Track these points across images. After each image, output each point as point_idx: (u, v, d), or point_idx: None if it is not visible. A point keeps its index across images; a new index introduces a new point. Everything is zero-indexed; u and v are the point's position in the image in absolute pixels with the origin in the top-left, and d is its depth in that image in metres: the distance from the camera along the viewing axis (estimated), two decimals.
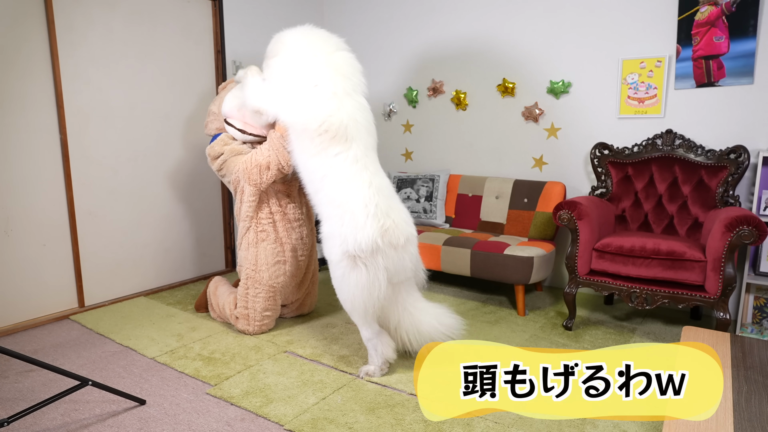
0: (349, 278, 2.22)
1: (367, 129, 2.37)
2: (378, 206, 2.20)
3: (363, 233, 2.15)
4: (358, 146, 2.27)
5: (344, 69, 2.39)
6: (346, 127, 2.25)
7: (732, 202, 2.99)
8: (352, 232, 2.16)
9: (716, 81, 3.11)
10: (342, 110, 2.26)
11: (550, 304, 3.42)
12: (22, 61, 2.85)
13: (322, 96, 2.28)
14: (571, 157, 3.67)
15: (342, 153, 2.24)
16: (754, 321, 3.02)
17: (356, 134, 2.28)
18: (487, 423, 2.00)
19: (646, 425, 1.99)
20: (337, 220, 2.22)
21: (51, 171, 3.04)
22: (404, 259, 2.27)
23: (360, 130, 2.31)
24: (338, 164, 2.24)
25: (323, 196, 2.29)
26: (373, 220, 2.16)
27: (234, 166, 2.80)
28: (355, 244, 2.15)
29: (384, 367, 2.38)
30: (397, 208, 2.30)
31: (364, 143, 2.31)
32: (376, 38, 4.44)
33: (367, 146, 2.33)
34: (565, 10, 3.54)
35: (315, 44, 2.42)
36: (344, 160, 2.24)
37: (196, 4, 3.72)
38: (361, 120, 2.33)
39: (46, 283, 3.07)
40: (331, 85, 2.30)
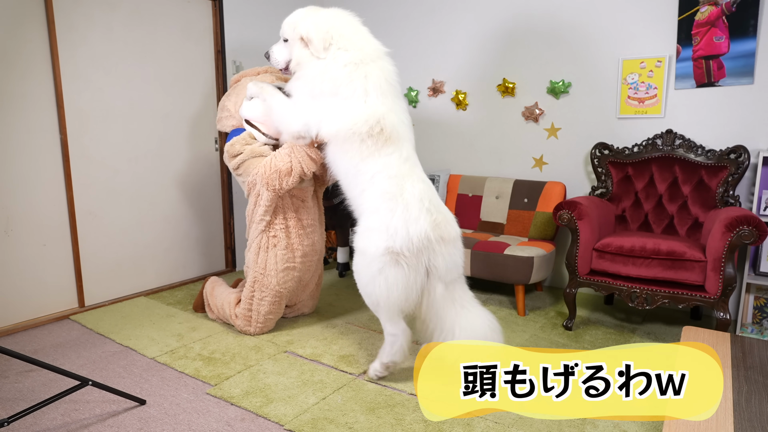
0: (387, 275, 2.15)
1: (411, 130, 2.43)
2: (431, 201, 2.22)
3: (416, 226, 2.12)
4: (406, 146, 2.32)
5: (389, 74, 2.39)
6: (398, 127, 2.27)
7: (732, 202, 2.99)
8: (404, 224, 2.12)
9: (716, 81, 3.11)
10: (393, 112, 2.29)
11: (550, 304, 3.42)
12: (22, 61, 2.85)
13: (373, 100, 2.27)
14: (571, 157, 3.67)
15: (395, 152, 2.25)
16: (754, 321, 3.02)
17: (406, 134, 2.33)
18: (487, 423, 2.00)
19: (646, 425, 1.99)
20: (387, 213, 2.16)
21: (51, 171, 3.04)
22: (455, 255, 2.25)
23: (408, 130, 2.37)
24: (391, 162, 2.23)
25: (374, 191, 2.22)
26: (427, 215, 2.15)
27: (252, 168, 2.74)
28: (406, 238, 2.11)
29: (390, 366, 2.33)
30: (444, 207, 2.34)
31: (411, 143, 2.38)
32: (376, 38, 4.43)
33: (413, 146, 2.40)
34: (566, 10, 3.54)
35: (362, 48, 2.37)
36: (398, 158, 2.25)
37: (196, 4, 3.72)
38: (407, 121, 2.38)
39: (46, 283, 3.07)
40: (380, 90, 2.29)
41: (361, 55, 2.30)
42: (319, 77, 2.31)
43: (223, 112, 3.01)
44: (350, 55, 2.30)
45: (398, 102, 2.38)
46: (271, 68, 3.07)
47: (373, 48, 2.39)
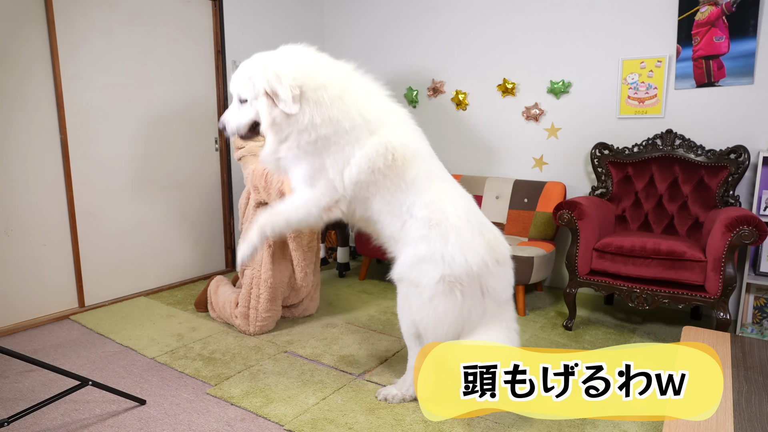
0: (438, 305, 1.96)
1: (420, 136, 2.15)
2: (478, 219, 2.03)
3: (472, 252, 1.94)
4: (423, 159, 2.05)
5: (372, 88, 2.11)
6: (407, 143, 2.02)
7: (732, 202, 2.99)
8: (460, 252, 1.93)
9: (716, 81, 3.11)
10: (394, 128, 2.03)
11: (550, 304, 3.42)
12: (22, 61, 2.85)
13: (374, 126, 1.99)
14: (571, 157, 3.67)
15: (419, 173, 2.00)
16: (754, 321, 3.02)
17: (417, 144, 2.08)
18: (487, 423, 2.00)
19: (646, 425, 1.99)
20: (439, 240, 1.95)
21: (51, 171, 3.04)
22: (509, 274, 2.09)
23: (416, 137, 2.12)
24: (421, 186, 1.99)
25: (415, 221, 1.99)
26: (480, 237, 1.98)
27: (249, 164, 2.83)
28: (465, 266, 1.92)
29: (407, 397, 2.17)
30: (489, 222, 2.12)
31: (425, 150, 2.11)
32: (376, 38, 4.44)
33: (430, 154, 2.12)
34: (566, 10, 3.54)
35: (336, 77, 2.00)
36: (424, 178, 2.01)
37: (197, 4, 3.72)
38: (410, 128, 2.13)
39: (46, 283, 3.07)
40: (374, 110, 2.02)
41: (340, 85, 1.95)
42: (315, 125, 1.91)
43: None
44: (331, 90, 1.93)
45: (393, 111, 2.10)
46: None
47: (343, 71, 2.05)
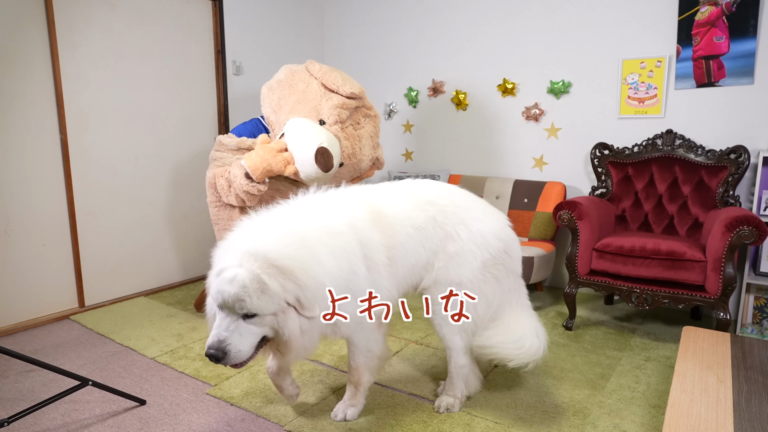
0: (487, 290, 1.98)
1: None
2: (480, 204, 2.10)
3: (496, 224, 2.02)
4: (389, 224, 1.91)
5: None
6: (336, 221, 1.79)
7: (732, 202, 2.99)
8: (488, 232, 1.98)
9: (716, 81, 3.11)
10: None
11: (550, 304, 3.42)
12: (22, 61, 2.85)
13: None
14: (571, 157, 3.67)
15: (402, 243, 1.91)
16: (754, 321, 3.02)
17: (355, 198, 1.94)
18: (487, 423, 2.00)
19: (646, 425, 1.99)
20: (461, 229, 1.98)
21: (51, 171, 3.04)
22: (518, 244, 2.15)
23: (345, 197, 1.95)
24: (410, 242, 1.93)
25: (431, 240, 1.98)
26: (495, 215, 2.07)
27: (213, 169, 2.78)
28: (497, 243, 1.97)
29: (464, 400, 2.12)
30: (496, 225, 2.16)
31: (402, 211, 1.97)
32: (376, 38, 4.44)
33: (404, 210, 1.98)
34: (565, 10, 3.54)
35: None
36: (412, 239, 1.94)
37: (197, 4, 3.72)
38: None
39: (46, 283, 3.07)
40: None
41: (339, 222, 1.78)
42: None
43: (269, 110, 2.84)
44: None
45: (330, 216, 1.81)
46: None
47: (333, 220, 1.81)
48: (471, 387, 2.12)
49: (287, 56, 4.38)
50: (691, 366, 1.77)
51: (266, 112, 2.84)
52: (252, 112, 4.15)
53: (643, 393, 2.24)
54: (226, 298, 1.51)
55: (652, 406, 2.13)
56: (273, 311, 1.54)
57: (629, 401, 2.17)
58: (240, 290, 1.49)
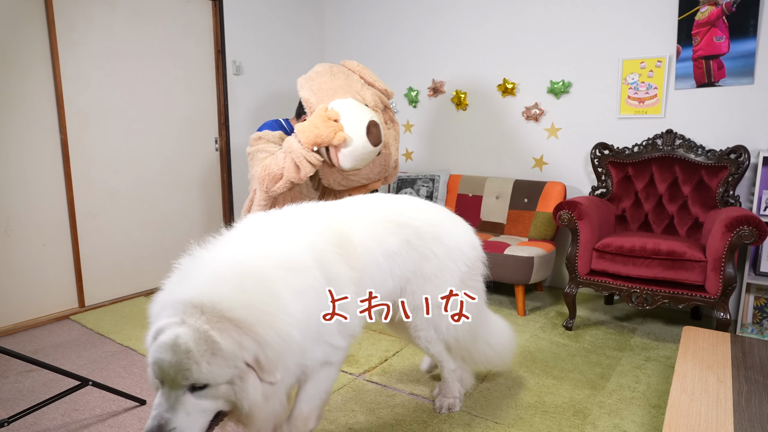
0: (468, 306, 1.92)
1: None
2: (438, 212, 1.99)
3: (467, 233, 1.96)
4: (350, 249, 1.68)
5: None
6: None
7: (732, 202, 2.99)
8: (461, 239, 1.91)
9: (716, 81, 3.11)
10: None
11: (550, 304, 3.42)
12: (22, 61, 2.85)
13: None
14: (571, 157, 3.67)
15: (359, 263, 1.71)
16: (754, 321, 3.02)
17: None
18: (487, 423, 2.00)
19: (646, 425, 1.99)
20: (437, 245, 1.89)
21: (51, 171, 3.04)
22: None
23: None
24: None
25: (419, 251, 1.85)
26: (463, 224, 1.98)
27: (256, 163, 2.68)
28: (471, 249, 1.93)
29: (462, 397, 2.14)
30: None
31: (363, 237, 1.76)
32: (376, 38, 4.44)
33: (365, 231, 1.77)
34: (566, 10, 3.54)
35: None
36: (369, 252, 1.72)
37: (197, 4, 3.72)
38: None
39: (46, 283, 3.07)
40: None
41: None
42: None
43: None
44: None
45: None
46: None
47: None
48: (466, 384, 2.15)
49: (287, 56, 4.38)
50: (691, 366, 1.77)
51: (306, 94, 2.76)
52: (252, 112, 4.15)
53: (643, 393, 2.24)
54: (166, 368, 1.16)
55: (652, 406, 2.13)
56: (228, 378, 1.20)
57: (629, 401, 2.17)
58: (183, 357, 1.15)
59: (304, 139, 2.52)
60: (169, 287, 1.34)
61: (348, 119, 2.59)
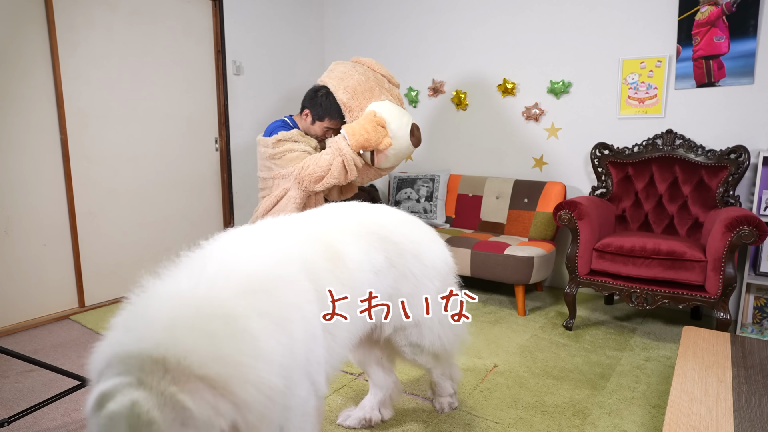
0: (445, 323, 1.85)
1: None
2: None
3: (441, 248, 1.83)
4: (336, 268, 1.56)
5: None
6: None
7: (732, 202, 2.99)
8: (437, 256, 1.79)
9: (716, 81, 3.11)
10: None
11: (550, 304, 3.42)
12: (22, 61, 2.85)
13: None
14: (571, 157, 3.67)
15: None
16: (754, 321, 3.02)
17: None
18: (487, 423, 2.00)
19: (646, 425, 1.99)
20: (413, 262, 1.75)
21: (51, 171, 3.04)
22: None
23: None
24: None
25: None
26: (437, 237, 1.86)
27: (292, 162, 2.68)
28: (445, 264, 1.82)
29: (457, 392, 2.15)
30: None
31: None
32: (376, 38, 4.44)
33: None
34: (566, 10, 3.54)
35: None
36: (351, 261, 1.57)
37: (197, 4, 3.71)
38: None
39: (46, 283, 3.07)
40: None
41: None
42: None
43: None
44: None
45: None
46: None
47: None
48: (456, 378, 2.11)
49: (287, 56, 4.38)
50: (691, 366, 1.77)
51: (343, 97, 2.80)
52: (252, 112, 4.15)
53: (643, 393, 2.24)
54: None
55: (652, 406, 2.13)
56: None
57: (629, 401, 2.17)
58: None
59: (354, 142, 2.62)
60: (115, 335, 1.03)
61: (392, 123, 2.72)
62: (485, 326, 3.02)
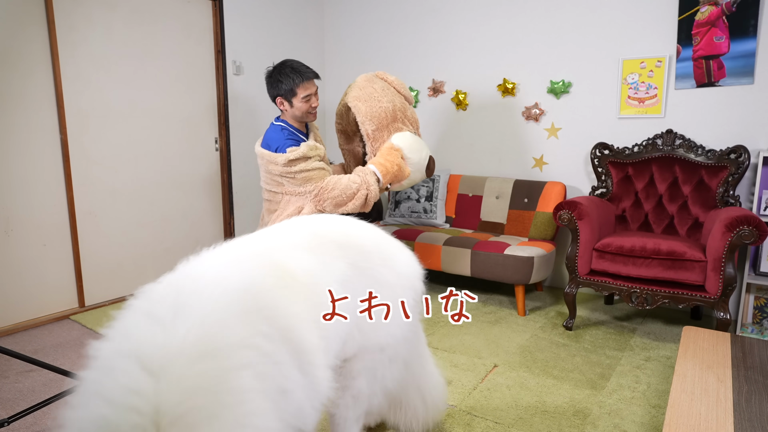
0: (404, 352, 1.57)
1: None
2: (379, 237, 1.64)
3: (409, 256, 1.60)
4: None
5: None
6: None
7: (732, 202, 2.99)
8: (407, 265, 1.57)
9: (716, 81, 3.11)
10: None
11: (550, 304, 3.42)
12: (22, 61, 2.85)
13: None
14: (571, 157, 3.67)
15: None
16: (754, 321, 3.02)
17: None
18: (487, 423, 2.00)
19: (646, 425, 1.99)
20: (385, 270, 1.51)
21: (51, 171, 3.04)
22: None
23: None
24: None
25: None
26: (402, 246, 1.63)
27: (315, 178, 2.64)
28: (416, 277, 1.60)
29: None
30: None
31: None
32: (376, 38, 4.44)
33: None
34: (566, 10, 3.54)
35: None
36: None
37: (197, 4, 3.72)
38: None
39: (46, 283, 3.07)
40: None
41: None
42: None
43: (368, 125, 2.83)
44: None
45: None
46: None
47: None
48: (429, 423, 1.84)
49: (287, 56, 4.38)
50: (691, 366, 1.77)
51: (369, 129, 2.82)
52: (252, 112, 4.15)
53: (643, 393, 2.24)
54: None
55: (652, 406, 2.13)
56: None
57: (629, 401, 2.17)
58: None
59: (385, 180, 2.73)
60: (76, 412, 0.89)
61: (413, 157, 2.84)
62: (485, 326, 3.02)
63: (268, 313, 1.06)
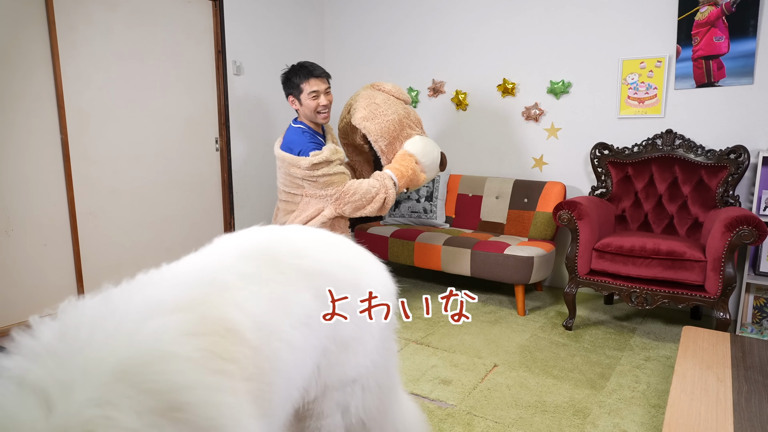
0: (380, 378, 1.39)
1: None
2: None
3: (380, 269, 1.41)
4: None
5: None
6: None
7: (732, 202, 2.99)
8: (378, 282, 1.37)
9: (716, 81, 3.11)
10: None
11: (550, 304, 3.43)
12: (22, 61, 2.85)
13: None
14: (571, 157, 3.67)
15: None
16: (754, 321, 3.02)
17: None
18: (487, 423, 2.00)
19: (646, 425, 1.99)
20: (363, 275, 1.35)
21: (51, 171, 3.04)
22: None
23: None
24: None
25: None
26: (371, 257, 1.44)
27: (337, 182, 2.71)
28: (390, 293, 1.40)
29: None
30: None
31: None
32: (376, 38, 4.44)
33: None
34: (566, 10, 3.54)
35: None
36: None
37: (197, 4, 3.72)
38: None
39: (46, 284, 3.07)
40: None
41: None
42: None
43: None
44: None
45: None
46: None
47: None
48: None
49: (287, 56, 4.38)
50: (691, 366, 1.77)
51: (383, 145, 2.91)
52: (252, 112, 4.15)
53: (643, 393, 2.24)
54: None
55: (652, 406, 2.13)
56: None
57: (629, 401, 2.17)
58: None
59: (402, 184, 2.84)
60: None
61: (426, 159, 2.95)
62: (485, 326, 3.02)
63: (180, 416, 0.76)
